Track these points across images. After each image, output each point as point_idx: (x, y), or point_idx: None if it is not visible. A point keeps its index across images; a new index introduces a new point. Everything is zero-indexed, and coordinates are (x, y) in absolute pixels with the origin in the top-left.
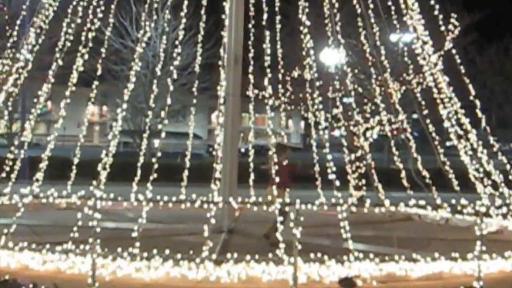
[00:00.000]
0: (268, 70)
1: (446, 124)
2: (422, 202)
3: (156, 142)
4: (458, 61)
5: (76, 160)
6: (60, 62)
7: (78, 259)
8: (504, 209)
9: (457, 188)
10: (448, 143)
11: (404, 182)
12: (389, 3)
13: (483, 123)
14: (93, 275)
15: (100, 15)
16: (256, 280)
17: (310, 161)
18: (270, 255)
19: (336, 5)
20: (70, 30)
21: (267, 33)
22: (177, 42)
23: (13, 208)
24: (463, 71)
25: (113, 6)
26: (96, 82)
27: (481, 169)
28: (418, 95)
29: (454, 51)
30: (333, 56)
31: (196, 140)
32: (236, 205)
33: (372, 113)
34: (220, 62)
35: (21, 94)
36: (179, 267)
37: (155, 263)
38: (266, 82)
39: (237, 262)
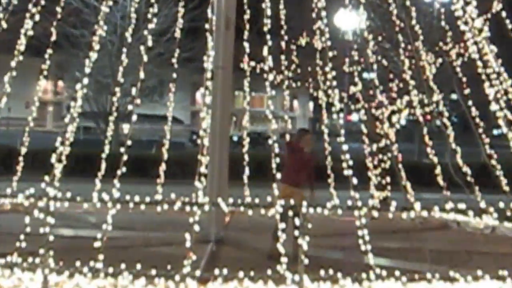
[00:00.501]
0: (268, 37)
1: (493, 106)
2: (462, 206)
3: (126, 128)
4: (510, 26)
5: (23, 150)
6: (4, 25)
7: (25, 275)
8: None
9: (507, 189)
10: (495, 131)
11: (440, 180)
12: None
13: None
14: None
15: None
16: None
17: (320, 154)
18: (268, 271)
19: None
20: None
21: None
22: (152, 0)
23: None
24: None
25: None
26: (49, 51)
27: None
28: (458, 69)
29: (504, 13)
30: (350, 20)
31: (176, 125)
32: (227, 208)
33: (399, 92)
34: (207, 26)
35: None
36: (154, 286)
37: (123, 281)
38: (265, 52)
39: (227, 280)
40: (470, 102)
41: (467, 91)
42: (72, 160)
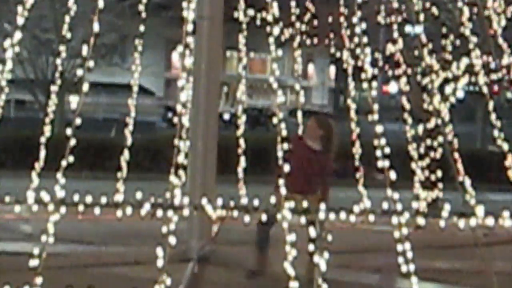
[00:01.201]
0: None
1: None
2: None
3: (74, 101)
4: None
5: None
6: None
7: None
8: None
9: None
10: None
11: None
12: None
13: None
14: None
15: None
16: None
17: (345, 138)
18: None
19: None
20: None
21: None
22: None
23: None
24: None
25: None
26: None
27: None
28: None
29: None
30: None
31: (145, 99)
32: (215, 213)
33: (455, 53)
34: None
35: None
36: None
37: None
38: None
39: None
40: None
41: None
42: None
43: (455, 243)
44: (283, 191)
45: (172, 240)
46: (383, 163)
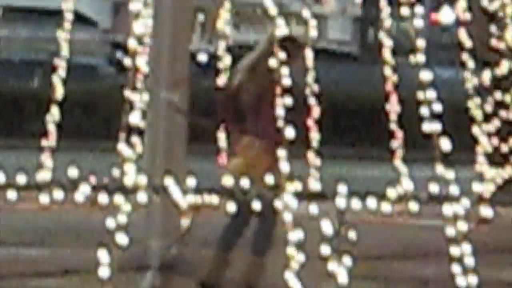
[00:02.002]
0: None
1: None
2: None
3: None
4: None
5: None
6: None
7: None
8: None
9: None
10: None
11: None
12: None
13: None
14: None
15: None
16: None
17: (375, 89)
18: None
19: None
20: None
21: None
22: None
23: None
24: None
25: None
26: None
27: None
28: None
29: None
30: None
31: (83, 31)
32: (184, 200)
33: None
34: None
35: None
36: None
37: None
38: None
39: None
40: None
41: None
42: None
43: None
44: (284, 166)
45: (122, 239)
46: (430, 127)
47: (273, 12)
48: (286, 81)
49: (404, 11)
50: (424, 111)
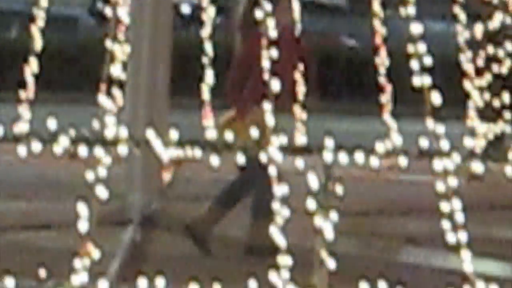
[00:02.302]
0: None
1: None
2: None
3: None
4: None
5: None
6: None
7: None
8: None
9: None
10: None
11: None
12: None
13: None
14: None
15: None
16: None
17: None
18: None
19: None
20: None
21: None
22: None
23: None
24: None
25: None
26: None
27: None
28: None
29: None
30: None
31: None
32: (166, 153)
33: None
34: None
35: None
36: None
37: None
38: None
39: None
40: None
41: None
42: None
43: None
44: (269, 119)
45: (102, 192)
46: (421, 80)
47: None
48: (272, 33)
49: None
50: (414, 64)
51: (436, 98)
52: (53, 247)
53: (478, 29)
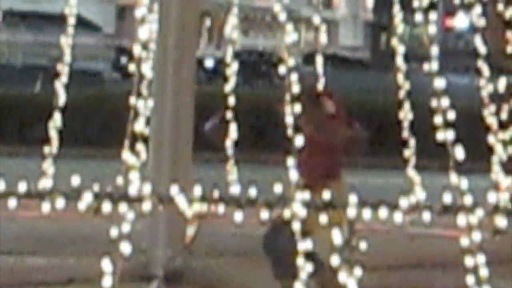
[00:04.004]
0: None
1: None
2: None
3: None
4: None
5: None
6: None
7: None
8: None
9: None
10: None
11: None
12: None
13: None
14: None
15: None
16: None
17: (388, 96)
18: None
19: None
20: None
21: None
22: None
23: None
24: None
25: None
26: None
27: None
28: None
29: None
30: None
31: (87, 36)
32: (190, 209)
33: None
34: None
35: None
36: None
37: None
38: None
39: None
40: None
41: None
42: None
43: None
44: (293, 174)
45: (126, 248)
46: (445, 135)
47: (282, 18)
48: (295, 89)
49: (418, 17)
50: (437, 119)
51: (459, 152)
52: None
53: (502, 83)
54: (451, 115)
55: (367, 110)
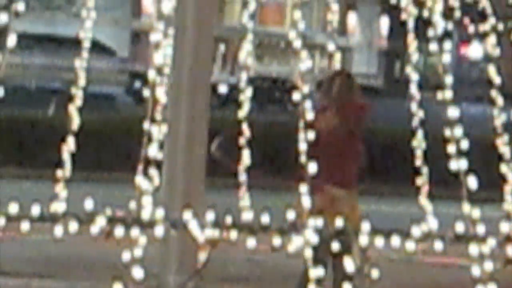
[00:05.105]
0: None
1: None
2: None
3: None
4: None
5: None
6: None
7: None
8: None
9: None
10: None
11: None
12: None
13: None
14: None
15: None
16: None
17: (400, 124)
18: None
19: None
20: None
21: None
22: None
23: None
24: None
25: None
26: None
27: None
28: None
29: None
30: None
31: (101, 60)
32: (202, 234)
33: None
34: None
35: None
36: None
37: None
38: None
39: None
40: None
41: None
42: None
43: None
44: (306, 201)
45: (138, 272)
46: (458, 164)
47: (297, 44)
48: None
49: (433, 46)
50: (450, 148)
51: (472, 181)
52: None
53: None
54: (464, 144)
55: (380, 138)
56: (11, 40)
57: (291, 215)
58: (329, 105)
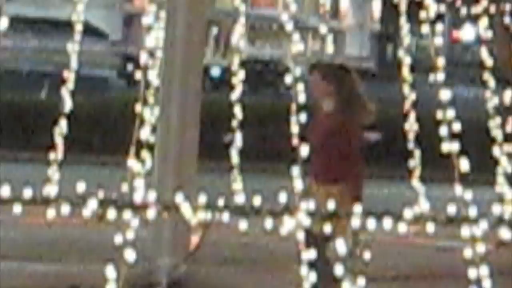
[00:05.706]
0: None
1: None
2: None
3: None
4: None
5: None
6: None
7: None
8: None
9: None
10: None
11: None
12: None
13: None
14: None
15: None
16: None
17: (393, 107)
18: None
19: None
20: None
21: None
22: None
23: None
24: None
25: None
26: None
27: None
28: None
29: None
30: None
31: (93, 43)
32: (195, 217)
33: None
34: None
35: None
36: None
37: None
38: None
39: None
40: None
41: None
42: None
43: None
44: (298, 184)
45: (130, 255)
46: (450, 146)
47: (289, 27)
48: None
49: (425, 28)
50: (443, 130)
51: (464, 164)
52: None
53: (507, 95)
54: (457, 127)
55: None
56: (3, 23)
57: (283, 198)
58: (338, 102)
